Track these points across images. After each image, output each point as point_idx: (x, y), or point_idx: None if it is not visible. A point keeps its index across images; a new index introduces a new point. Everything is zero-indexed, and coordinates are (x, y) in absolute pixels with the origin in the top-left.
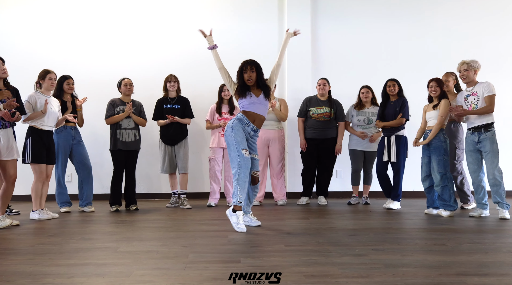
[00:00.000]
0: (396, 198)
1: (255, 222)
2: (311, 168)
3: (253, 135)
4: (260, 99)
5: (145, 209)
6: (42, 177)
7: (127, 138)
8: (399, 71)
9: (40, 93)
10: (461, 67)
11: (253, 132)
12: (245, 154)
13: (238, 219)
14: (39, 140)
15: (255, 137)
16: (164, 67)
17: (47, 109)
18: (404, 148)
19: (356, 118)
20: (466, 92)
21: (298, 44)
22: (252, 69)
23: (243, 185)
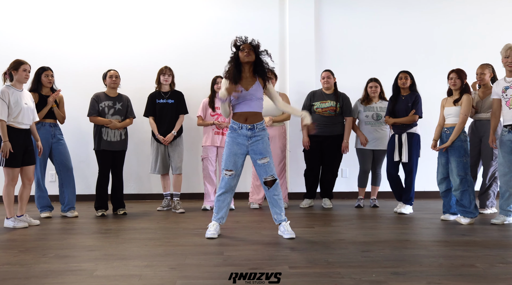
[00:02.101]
0: (408, 202)
1: (287, 234)
2: (314, 167)
3: (254, 135)
4: (251, 94)
5: (134, 213)
6: (15, 181)
7: (112, 138)
8: (410, 63)
9: (12, 86)
10: (507, 52)
11: (250, 132)
12: (226, 174)
13: (212, 226)
14: (15, 141)
15: (257, 136)
16: (156, 58)
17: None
18: (416, 146)
19: (364, 114)
20: (505, 83)
21: (301, 34)
22: (250, 47)
23: (217, 203)
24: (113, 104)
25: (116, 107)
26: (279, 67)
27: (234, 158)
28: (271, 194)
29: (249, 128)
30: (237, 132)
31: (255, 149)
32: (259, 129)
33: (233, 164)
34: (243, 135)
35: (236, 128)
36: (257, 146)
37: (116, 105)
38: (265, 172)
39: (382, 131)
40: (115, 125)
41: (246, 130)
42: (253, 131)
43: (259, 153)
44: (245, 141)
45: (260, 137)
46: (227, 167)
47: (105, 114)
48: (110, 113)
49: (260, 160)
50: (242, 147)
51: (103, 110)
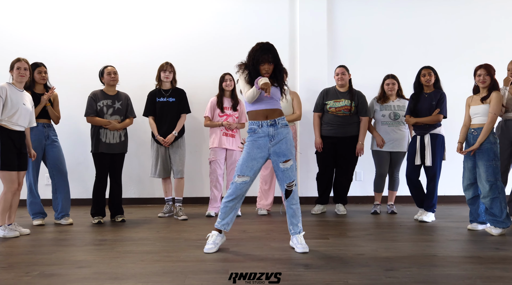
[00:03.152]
0: (430, 209)
1: (300, 248)
2: (327, 171)
3: (276, 132)
4: (272, 93)
5: (133, 219)
6: (14, 186)
7: (111, 140)
8: (430, 59)
9: (13, 85)
10: None
11: (272, 128)
12: (237, 180)
13: (210, 237)
14: (10, 143)
15: (280, 133)
16: (157, 53)
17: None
18: (441, 149)
19: (380, 113)
20: None
21: (312, 26)
22: (271, 59)
23: (225, 209)
24: (112, 103)
25: (115, 106)
26: (288, 63)
27: (252, 162)
28: (289, 203)
29: (271, 124)
30: (257, 133)
31: (278, 151)
32: (281, 125)
33: (249, 169)
34: (264, 134)
35: (256, 128)
36: (280, 147)
37: (115, 104)
38: (288, 177)
39: (400, 132)
40: (114, 126)
41: (268, 127)
42: (275, 128)
43: (283, 154)
44: (266, 143)
45: (283, 136)
46: (243, 172)
47: (103, 114)
48: (109, 113)
49: (283, 163)
50: (263, 149)
51: (101, 110)
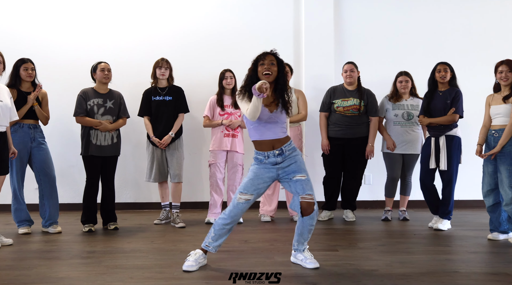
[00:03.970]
0: (446, 216)
1: (310, 263)
2: (335, 174)
3: (285, 159)
4: (275, 117)
5: (127, 227)
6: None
7: (102, 141)
8: (445, 55)
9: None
10: None
11: (280, 158)
12: (239, 199)
13: (193, 255)
14: None
15: (288, 158)
16: (154, 49)
17: None
18: (457, 151)
19: (393, 112)
20: None
21: (318, 21)
22: (273, 61)
23: (221, 231)
24: (103, 102)
25: (106, 105)
26: (293, 59)
27: (258, 181)
28: (307, 223)
29: (278, 153)
30: (263, 163)
31: (288, 170)
32: (289, 151)
33: (254, 188)
34: (272, 164)
35: (262, 158)
36: (292, 167)
37: (106, 103)
38: (301, 188)
39: (413, 133)
40: (106, 127)
41: (275, 158)
42: (283, 156)
43: (294, 171)
44: (274, 169)
45: (293, 160)
46: (247, 190)
47: (94, 114)
48: (100, 112)
49: (295, 176)
50: (272, 170)
51: (91, 110)
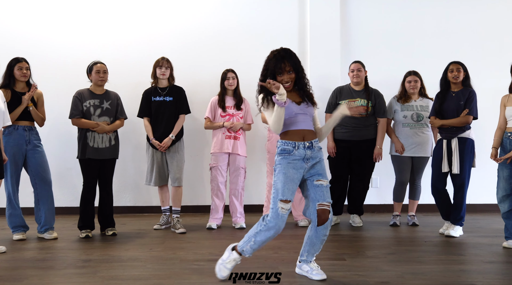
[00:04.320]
0: (458, 222)
1: (316, 275)
2: (341, 178)
3: (312, 155)
4: (304, 108)
5: (125, 233)
6: None
7: (100, 144)
8: (456, 54)
9: None
10: None
11: (309, 151)
12: (282, 209)
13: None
14: None
15: (316, 157)
16: (154, 48)
17: None
18: (470, 154)
19: (401, 114)
20: None
21: (324, 18)
22: (289, 68)
23: (262, 243)
24: (100, 103)
25: (103, 106)
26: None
27: (291, 185)
28: (320, 234)
29: (308, 146)
30: (292, 154)
31: (313, 171)
32: (317, 148)
33: (291, 192)
34: (300, 157)
35: (291, 149)
36: (316, 168)
37: (103, 104)
38: (322, 195)
39: (423, 134)
40: (103, 129)
41: (304, 150)
42: (312, 150)
43: (318, 174)
44: (303, 164)
45: (319, 159)
46: (287, 196)
47: (90, 115)
48: (97, 114)
49: (318, 180)
50: (300, 170)
51: (87, 111)
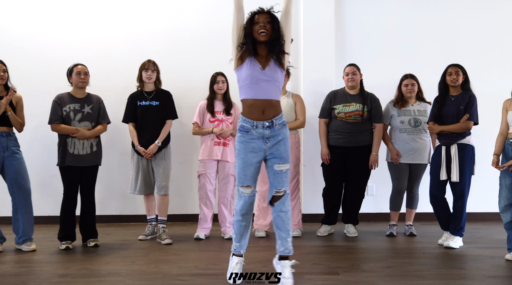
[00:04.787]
0: (457, 232)
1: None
2: (336, 186)
3: (273, 134)
4: (267, 73)
5: (108, 244)
6: None
7: (80, 150)
8: (454, 56)
9: None
10: None
11: (268, 131)
12: (245, 192)
13: (232, 265)
14: None
15: (277, 135)
16: (140, 49)
17: None
18: (470, 162)
19: (398, 119)
20: None
21: (318, 20)
22: (268, 18)
23: (239, 229)
24: (80, 107)
25: (84, 111)
26: (291, 62)
27: (249, 169)
28: (278, 209)
29: (267, 126)
30: (250, 134)
31: (275, 152)
32: (279, 126)
33: (249, 177)
34: (259, 137)
35: (249, 128)
36: (279, 148)
37: (84, 108)
38: (280, 181)
39: (421, 140)
40: (83, 135)
41: (263, 130)
42: (272, 130)
43: (280, 157)
44: (262, 145)
45: (281, 137)
46: (244, 182)
47: (70, 120)
48: (77, 119)
49: (279, 165)
50: (259, 153)
51: (67, 116)
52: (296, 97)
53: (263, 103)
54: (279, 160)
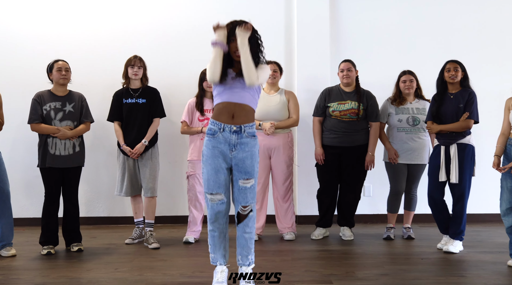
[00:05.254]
0: (457, 236)
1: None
2: (330, 187)
3: (240, 142)
4: (242, 81)
5: (93, 248)
6: None
7: (62, 151)
8: (452, 53)
9: None
10: None
11: (235, 136)
12: (213, 200)
13: (217, 275)
14: None
15: (244, 144)
16: (127, 44)
17: None
18: (470, 162)
19: (396, 117)
20: None
21: (312, 14)
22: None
23: (212, 239)
24: (62, 105)
25: (65, 109)
26: (284, 58)
27: (218, 176)
28: (241, 231)
29: (234, 130)
30: (216, 137)
31: (240, 165)
32: (248, 134)
33: (218, 184)
34: (225, 141)
35: (216, 130)
36: (244, 162)
37: (65, 107)
38: (244, 197)
39: (420, 140)
40: (65, 134)
41: (230, 134)
42: (239, 136)
43: (244, 171)
44: (227, 151)
45: (249, 149)
46: (211, 189)
47: (51, 119)
48: (58, 118)
49: (243, 181)
50: (225, 158)
51: (47, 115)
52: (289, 94)
53: (235, 106)
54: (243, 175)
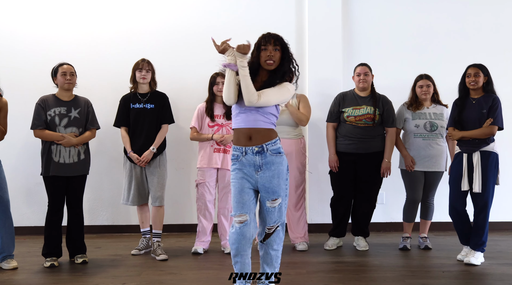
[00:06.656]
0: (479, 247)
1: None
2: (345, 196)
3: (264, 162)
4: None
5: (98, 259)
6: None
7: (66, 159)
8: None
9: None
10: None
11: (259, 157)
12: (237, 221)
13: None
14: None
15: (269, 163)
16: (135, 47)
17: None
18: (494, 171)
19: (413, 123)
20: None
21: (324, 16)
22: (276, 45)
23: (235, 258)
24: (67, 111)
25: (71, 115)
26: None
27: (244, 196)
28: (268, 248)
29: (257, 151)
30: (240, 161)
31: (267, 185)
32: (271, 152)
33: (242, 205)
34: (249, 164)
35: (239, 155)
36: (270, 182)
37: (71, 112)
38: (272, 218)
39: (438, 146)
40: (69, 142)
41: (253, 155)
42: (263, 156)
43: (272, 191)
44: (253, 174)
45: (275, 167)
46: (237, 210)
47: (55, 126)
48: (63, 124)
49: (270, 202)
50: (251, 179)
51: (52, 121)
52: (301, 97)
53: (249, 131)
54: (271, 195)
